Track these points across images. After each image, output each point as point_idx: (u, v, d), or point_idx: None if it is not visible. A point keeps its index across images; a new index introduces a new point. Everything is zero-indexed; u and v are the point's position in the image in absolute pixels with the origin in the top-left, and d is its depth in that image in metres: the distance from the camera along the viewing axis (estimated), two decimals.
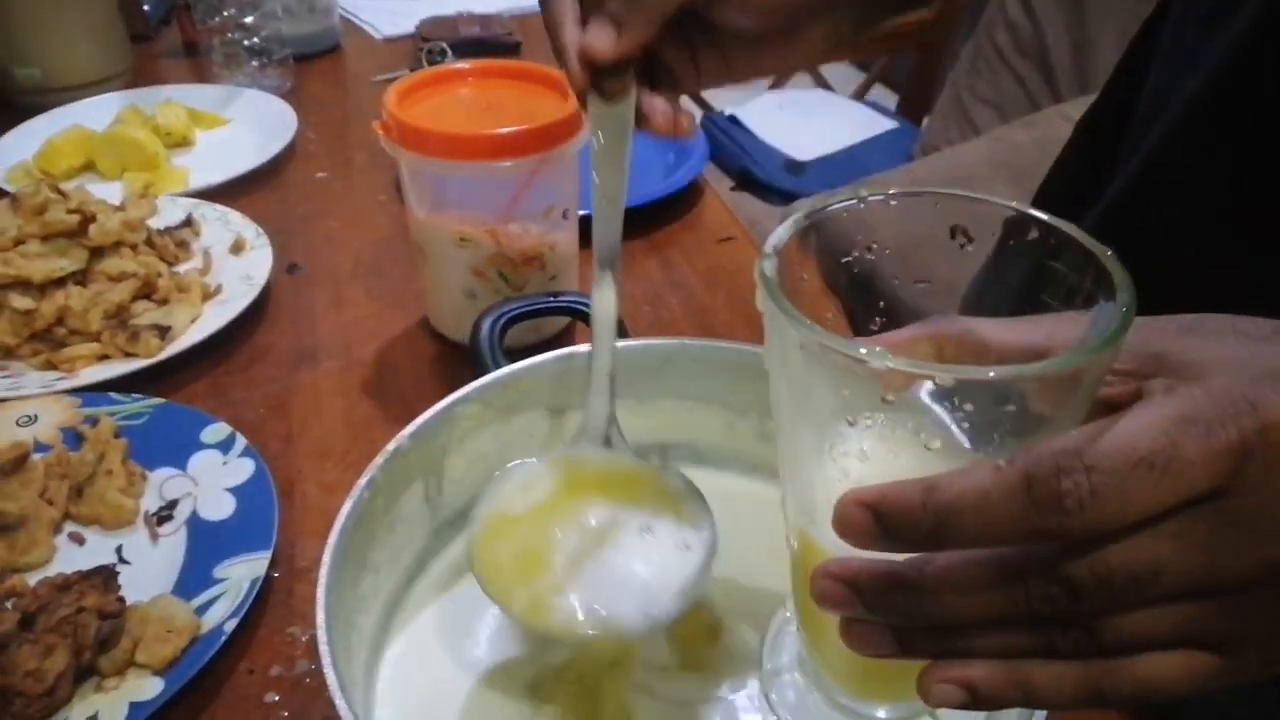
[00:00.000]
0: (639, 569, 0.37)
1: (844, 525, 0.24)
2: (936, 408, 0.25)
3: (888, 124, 1.56)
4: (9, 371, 0.61)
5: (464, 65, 0.63)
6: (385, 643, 0.40)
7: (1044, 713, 0.31)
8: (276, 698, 0.43)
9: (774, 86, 1.66)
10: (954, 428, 0.25)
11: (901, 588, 0.24)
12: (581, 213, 0.62)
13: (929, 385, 0.24)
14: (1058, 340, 0.25)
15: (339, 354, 0.65)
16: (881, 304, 0.30)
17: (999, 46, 1.40)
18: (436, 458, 0.42)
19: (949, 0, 1.60)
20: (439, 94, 0.61)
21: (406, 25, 1.17)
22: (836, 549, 0.25)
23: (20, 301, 0.62)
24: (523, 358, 0.45)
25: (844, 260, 0.30)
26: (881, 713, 0.32)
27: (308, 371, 0.63)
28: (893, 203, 0.29)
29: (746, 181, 1.45)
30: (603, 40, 0.36)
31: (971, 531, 0.23)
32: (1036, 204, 0.65)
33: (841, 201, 0.29)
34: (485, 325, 0.49)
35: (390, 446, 0.40)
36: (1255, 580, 0.23)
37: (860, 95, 1.70)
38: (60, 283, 0.63)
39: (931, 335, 0.28)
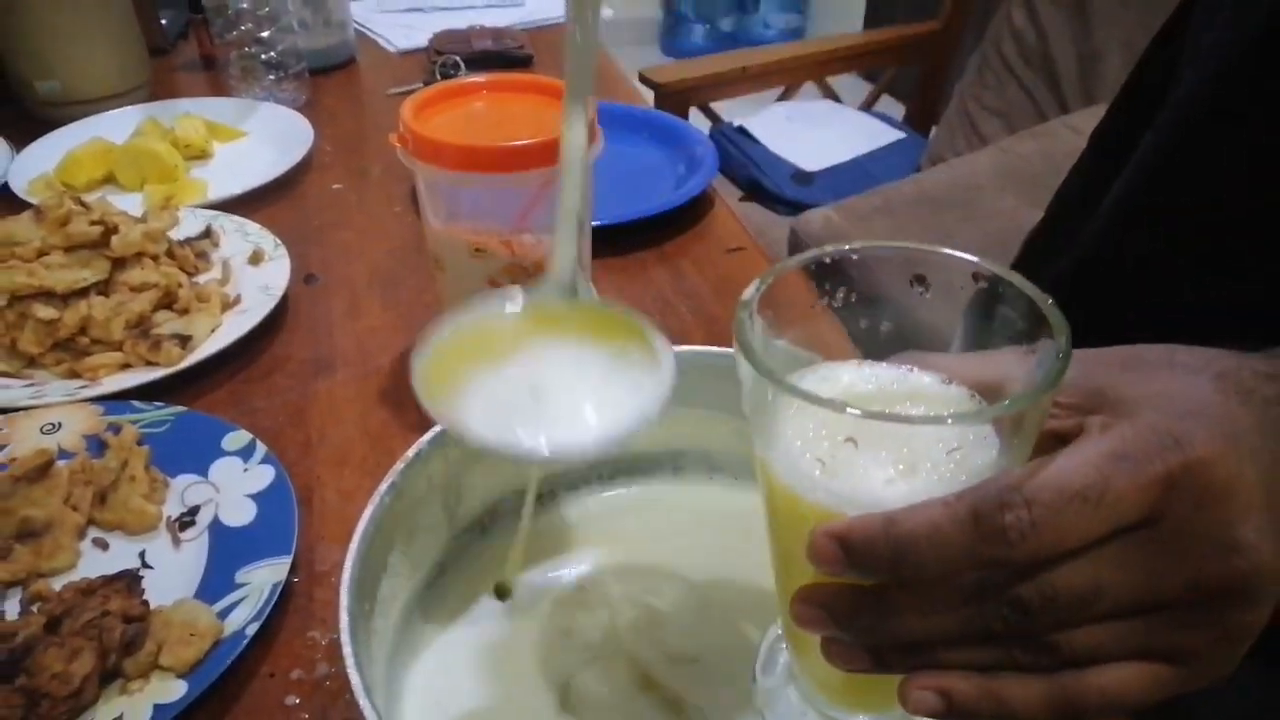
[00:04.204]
0: (591, 394, 0.36)
1: (815, 555, 0.26)
2: (895, 442, 0.27)
3: (895, 135, 1.57)
4: (33, 380, 0.63)
5: (479, 79, 0.64)
6: (406, 647, 0.41)
7: None
8: (297, 700, 0.44)
9: (782, 98, 1.67)
10: (912, 461, 0.27)
11: (869, 610, 0.27)
12: (594, 223, 0.63)
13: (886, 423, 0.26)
14: (1009, 375, 0.28)
15: (356, 363, 0.66)
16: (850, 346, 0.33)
17: (1005, 57, 1.41)
18: (455, 465, 0.43)
19: (957, 11, 1.61)
20: (454, 107, 0.62)
21: (420, 39, 1.19)
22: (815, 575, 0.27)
23: (44, 311, 0.63)
24: None
25: (819, 303, 0.33)
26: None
27: (325, 380, 0.64)
28: (854, 256, 0.31)
29: (755, 192, 1.46)
30: None
31: (927, 561, 0.25)
32: (1051, 212, 0.66)
33: (807, 257, 0.31)
34: None
35: (410, 452, 0.40)
36: (1189, 596, 0.25)
37: (868, 106, 1.71)
38: (83, 293, 0.64)
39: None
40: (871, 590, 0.27)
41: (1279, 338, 0.30)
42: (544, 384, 0.36)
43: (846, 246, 0.31)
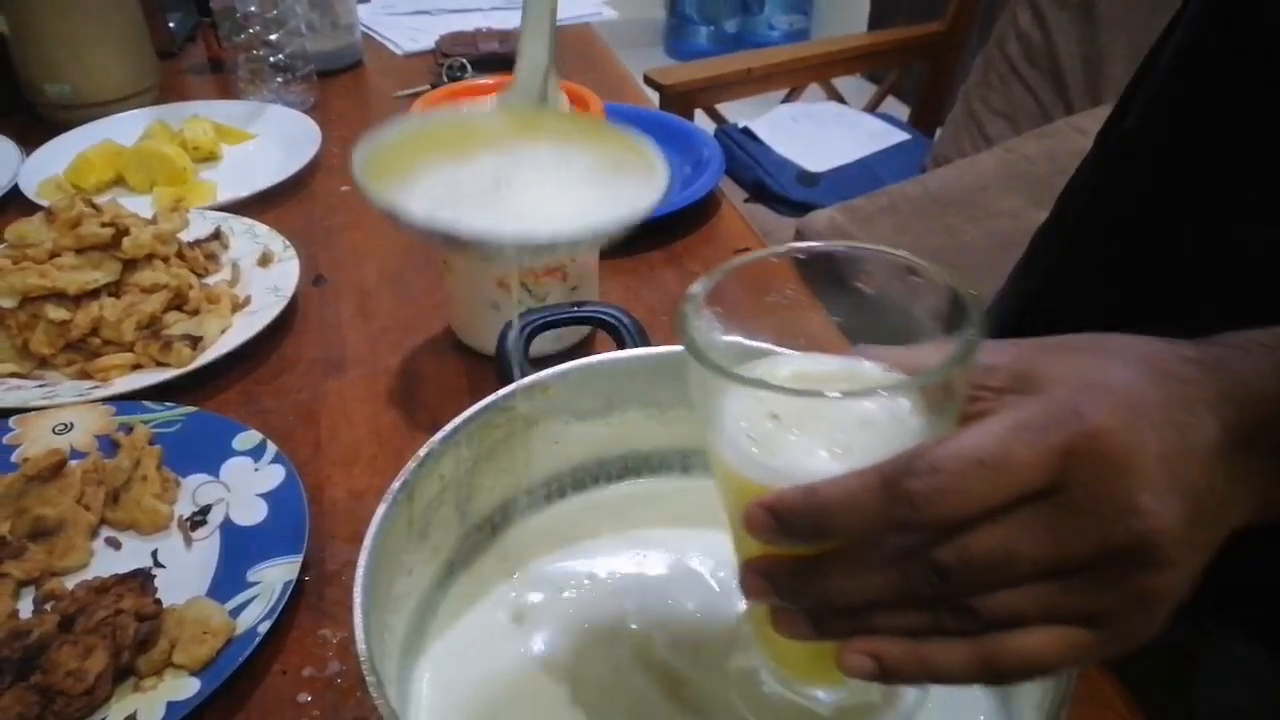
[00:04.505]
0: (565, 192, 0.33)
1: (750, 524, 0.28)
2: (822, 420, 0.30)
3: (900, 136, 1.57)
4: (45, 381, 0.63)
5: (487, 80, 0.65)
6: (418, 646, 0.41)
7: None
8: (309, 698, 0.45)
9: (787, 99, 1.67)
10: (840, 438, 0.29)
11: (804, 576, 0.29)
12: None
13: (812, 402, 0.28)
14: (940, 362, 0.29)
15: (365, 363, 0.66)
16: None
17: (1010, 58, 1.41)
18: (466, 463, 0.43)
19: (961, 12, 1.62)
20: None
21: (426, 41, 1.20)
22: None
23: (56, 312, 0.63)
24: (546, 366, 0.46)
25: (768, 299, 0.35)
26: (823, 694, 0.36)
27: (335, 380, 0.64)
28: (801, 256, 0.33)
29: (760, 193, 1.46)
30: None
31: (845, 525, 0.27)
32: (1056, 212, 0.67)
33: (757, 256, 0.33)
34: (512, 334, 0.50)
35: (422, 451, 0.41)
36: (1096, 561, 0.27)
37: (873, 108, 1.71)
38: (94, 294, 0.65)
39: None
40: (807, 559, 0.29)
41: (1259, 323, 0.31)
42: (511, 178, 0.32)
43: (787, 248, 0.33)
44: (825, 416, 0.29)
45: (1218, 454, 0.28)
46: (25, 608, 0.48)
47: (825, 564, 0.28)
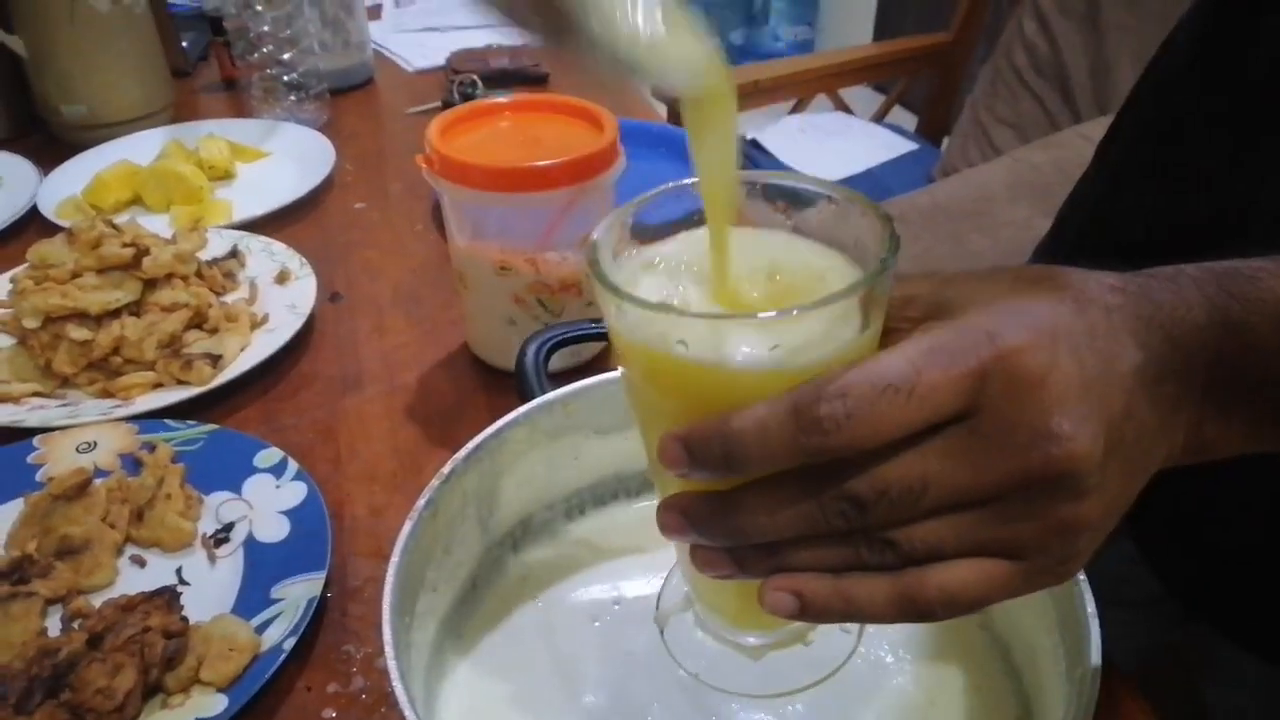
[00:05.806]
0: None
1: (664, 457, 0.27)
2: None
3: (907, 146, 1.58)
4: (68, 400, 0.64)
5: (502, 99, 0.65)
6: (443, 663, 0.42)
7: None
8: (334, 714, 0.45)
9: (794, 110, 1.68)
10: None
11: (721, 510, 0.28)
12: None
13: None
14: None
15: (383, 380, 0.66)
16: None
17: (1017, 68, 1.42)
18: (489, 480, 0.44)
19: (967, 22, 1.62)
20: (479, 128, 0.63)
21: (437, 58, 1.21)
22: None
23: (78, 332, 0.64)
24: (564, 382, 0.46)
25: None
26: (753, 639, 0.36)
27: (353, 397, 0.65)
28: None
29: None
30: None
31: (756, 455, 0.26)
32: (1059, 221, 0.67)
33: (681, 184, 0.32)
34: (531, 350, 0.51)
35: (446, 469, 0.41)
36: (1013, 487, 0.26)
37: (880, 118, 1.72)
38: (116, 314, 0.65)
39: None
40: (724, 492, 0.28)
41: None
42: None
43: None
44: (735, 334, 0.28)
45: (1140, 381, 0.27)
46: (53, 626, 0.48)
47: (742, 497, 0.27)
